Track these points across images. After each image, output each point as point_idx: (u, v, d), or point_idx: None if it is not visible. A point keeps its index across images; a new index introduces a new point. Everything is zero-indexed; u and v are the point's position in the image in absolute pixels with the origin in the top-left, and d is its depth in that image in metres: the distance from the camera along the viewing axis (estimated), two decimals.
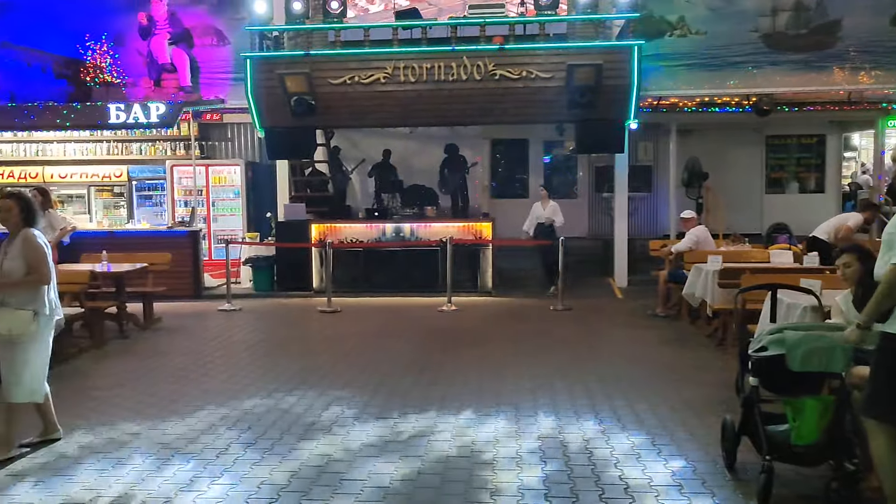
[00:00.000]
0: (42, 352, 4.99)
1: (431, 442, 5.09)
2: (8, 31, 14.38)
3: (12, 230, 5.00)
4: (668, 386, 6.40)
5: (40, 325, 4.92)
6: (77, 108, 12.60)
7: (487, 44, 11.11)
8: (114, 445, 5.09)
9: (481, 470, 4.58)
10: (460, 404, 5.93)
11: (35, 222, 5.04)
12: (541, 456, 4.79)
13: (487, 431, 5.29)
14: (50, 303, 4.99)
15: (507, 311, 10.64)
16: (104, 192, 14.00)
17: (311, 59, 11.26)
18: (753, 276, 7.12)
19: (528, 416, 5.63)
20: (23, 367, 4.89)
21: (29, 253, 4.88)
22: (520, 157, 15.60)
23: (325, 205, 13.49)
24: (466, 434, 5.24)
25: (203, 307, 11.05)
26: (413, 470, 4.59)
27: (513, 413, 5.70)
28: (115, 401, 6.12)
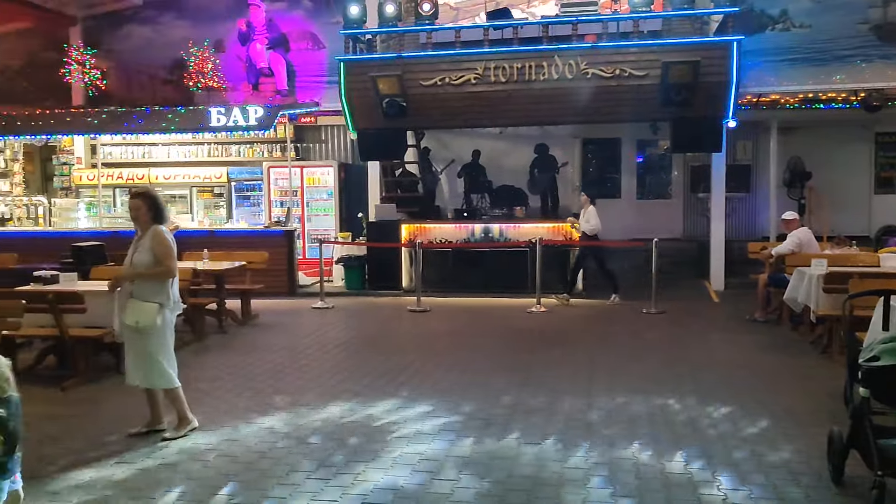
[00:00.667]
0: (166, 342, 5.25)
1: (523, 444, 5.05)
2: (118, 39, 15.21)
3: (142, 227, 5.28)
4: (768, 394, 6.14)
5: (165, 317, 5.18)
6: (181, 112, 13.18)
7: (580, 42, 10.96)
8: (218, 437, 5.28)
9: (573, 475, 4.51)
10: (552, 406, 5.87)
11: (163, 219, 5.31)
12: (634, 462, 4.68)
13: (580, 434, 5.21)
14: (173, 296, 5.24)
15: (597, 313, 10.47)
16: (205, 193, 14.59)
17: (402, 61, 11.40)
18: (862, 281, 6.75)
19: (621, 421, 5.51)
20: (149, 357, 5.19)
21: (157, 247, 5.15)
22: (612, 157, 15.31)
23: (414, 205, 13.64)
24: (558, 437, 5.17)
25: (297, 304, 11.36)
26: (504, 472, 4.56)
27: (605, 418, 5.59)
28: (216, 393, 6.36)
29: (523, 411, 5.77)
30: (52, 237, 12.54)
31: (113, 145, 14.73)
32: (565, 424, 5.45)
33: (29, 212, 14.14)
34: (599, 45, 10.89)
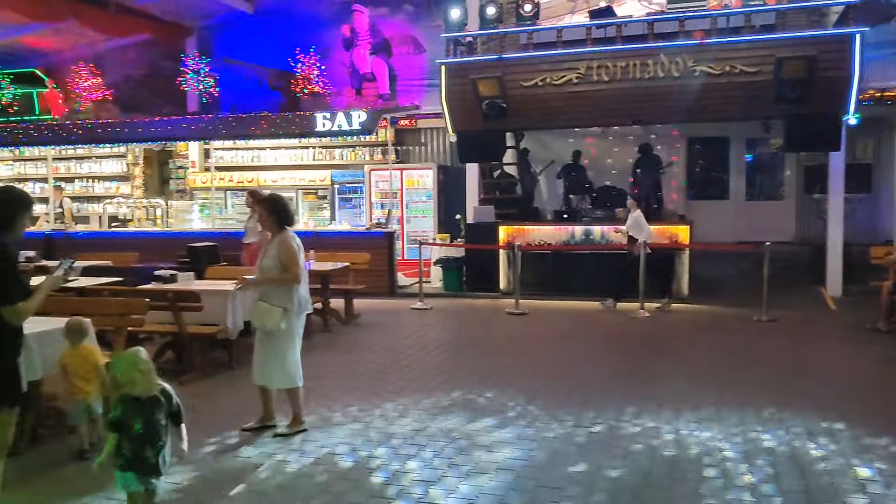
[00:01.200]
0: (292, 345, 5.42)
1: (629, 453, 4.93)
2: (228, 47, 15.88)
3: (271, 231, 5.49)
4: (890, 409, 5.75)
5: (290, 321, 5.35)
6: (288, 118, 13.61)
7: (687, 39, 10.62)
8: (322, 433, 5.41)
9: (680, 485, 4.36)
10: (656, 415, 5.70)
11: (289, 222, 5.48)
12: (751, 479, 4.48)
13: (686, 447, 5.04)
14: (299, 299, 5.41)
15: (704, 319, 10.11)
16: (310, 196, 15.02)
17: (503, 63, 11.37)
18: None
19: (733, 434, 5.28)
20: (276, 358, 5.39)
21: (283, 255, 5.34)
22: (719, 156, 14.76)
23: (513, 207, 13.58)
24: (664, 447, 5.02)
25: (397, 305, 11.52)
26: (609, 479, 4.46)
27: (716, 429, 5.38)
28: (322, 391, 6.52)
29: (627, 417, 5.63)
30: (169, 237, 13.22)
31: (224, 150, 15.39)
32: (675, 437, 5.27)
33: (148, 213, 14.95)
34: (708, 41, 10.51)
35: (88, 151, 15.86)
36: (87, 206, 15.92)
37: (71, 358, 5.01)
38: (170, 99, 15.64)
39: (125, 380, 3.66)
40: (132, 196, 15.49)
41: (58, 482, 4.64)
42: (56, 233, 13.71)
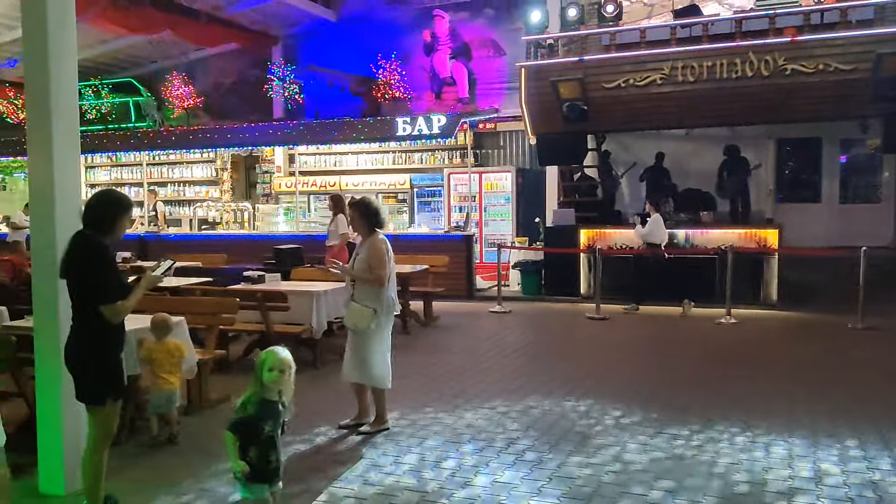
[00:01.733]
0: (381, 344, 5.54)
1: (713, 465, 4.79)
2: (312, 55, 16.29)
3: (362, 234, 5.63)
4: None
5: (379, 321, 5.46)
6: (369, 122, 13.86)
7: (777, 37, 10.28)
8: (404, 434, 5.49)
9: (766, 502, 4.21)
10: (743, 425, 5.52)
11: (379, 224, 5.58)
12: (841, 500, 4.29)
13: (774, 459, 4.86)
14: (387, 301, 5.53)
15: (794, 326, 9.74)
16: (389, 199, 15.22)
17: (584, 65, 11.27)
18: None
19: (826, 447, 5.07)
20: (367, 356, 5.52)
21: (370, 258, 5.46)
22: (811, 158, 14.17)
23: (594, 210, 13.40)
24: (752, 460, 4.86)
25: (475, 308, 11.54)
26: (692, 491, 4.35)
27: (808, 442, 5.17)
28: (404, 391, 6.59)
29: (712, 428, 5.47)
30: (256, 240, 13.65)
31: (308, 155, 15.77)
32: (765, 449, 5.09)
33: (235, 216, 15.47)
34: (801, 38, 10.14)
35: (180, 157, 16.55)
36: (179, 209, 16.59)
37: (156, 352, 5.27)
38: (257, 105, 16.18)
39: (271, 379, 3.59)
40: (221, 200, 16.05)
41: (153, 470, 4.85)
42: (149, 235, 14.34)
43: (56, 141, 4.29)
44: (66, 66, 4.38)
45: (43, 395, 4.33)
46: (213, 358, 6.30)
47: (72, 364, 3.88)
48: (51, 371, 4.24)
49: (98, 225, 3.84)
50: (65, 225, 4.06)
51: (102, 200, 3.94)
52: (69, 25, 4.42)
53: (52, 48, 4.28)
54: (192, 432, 5.54)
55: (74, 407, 4.03)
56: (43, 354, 4.31)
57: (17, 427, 5.42)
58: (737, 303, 10.28)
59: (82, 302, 3.80)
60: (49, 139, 4.27)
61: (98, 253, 3.79)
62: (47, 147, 4.28)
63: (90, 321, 3.78)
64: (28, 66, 4.37)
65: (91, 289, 3.78)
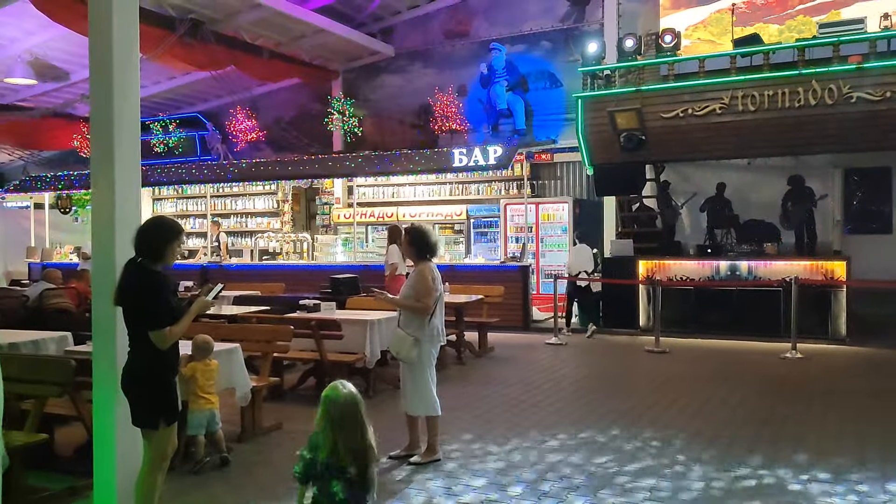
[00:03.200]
0: (425, 374, 5.52)
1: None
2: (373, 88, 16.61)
3: (414, 262, 5.67)
4: None
5: (422, 349, 5.46)
6: (426, 154, 14.00)
7: (842, 64, 10.01)
8: (455, 466, 5.42)
9: None
10: (811, 464, 5.27)
11: (430, 254, 5.59)
12: None
13: (849, 500, 4.62)
14: (433, 330, 5.52)
15: (864, 362, 9.33)
16: (446, 230, 15.29)
17: (641, 95, 11.18)
18: None
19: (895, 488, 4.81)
20: (412, 385, 5.54)
21: (417, 285, 5.49)
22: (880, 188, 13.65)
23: (653, 240, 13.17)
24: (822, 500, 4.63)
25: (531, 339, 11.42)
26: None
27: (878, 484, 4.90)
28: (456, 423, 6.54)
29: (774, 469, 5.24)
30: (314, 270, 13.84)
31: (367, 186, 16.01)
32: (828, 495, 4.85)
33: (295, 247, 15.76)
34: (867, 65, 9.85)
35: (243, 189, 17.00)
36: (241, 240, 17.01)
37: (198, 371, 5.36)
38: (317, 138, 16.54)
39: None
40: (281, 230, 16.40)
41: (206, 497, 4.90)
42: (211, 265, 14.72)
43: (118, 174, 4.44)
44: (129, 103, 4.55)
45: (99, 419, 4.43)
46: (267, 385, 6.37)
47: (126, 388, 3.97)
48: (107, 395, 4.34)
49: (148, 252, 3.94)
50: (124, 254, 4.19)
51: (151, 227, 4.03)
52: (133, 63, 4.60)
53: (117, 85, 4.46)
54: (244, 460, 5.59)
55: (129, 431, 4.11)
56: (100, 378, 4.42)
57: (75, 450, 5.58)
58: (803, 337, 9.92)
59: (135, 328, 3.91)
60: (111, 172, 4.43)
61: (146, 279, 3.89)
62: (109, 180, 4.44)
63: (144, 346, 3.88)
64: (93, 103, 4.57)
65: (141, 315, 3.88)
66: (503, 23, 15.24)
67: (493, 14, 15.36)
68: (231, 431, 5.91)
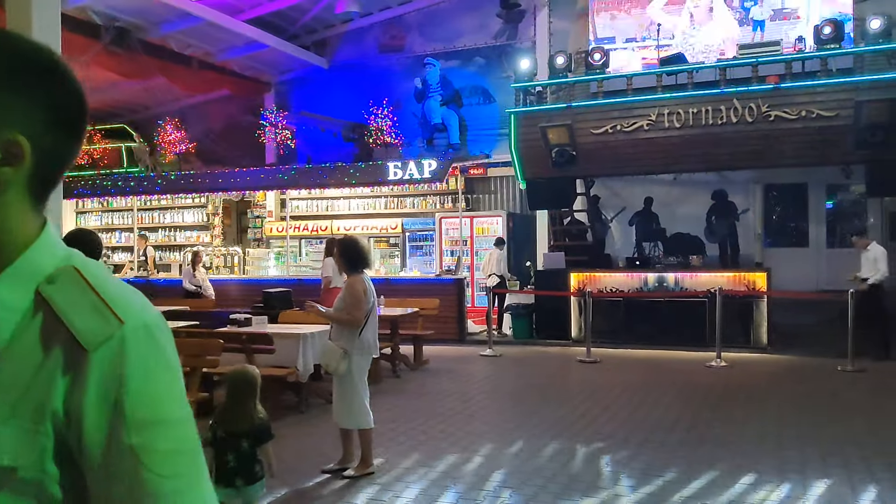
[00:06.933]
0: (356, 387, 5.46)
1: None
2: (304, 101, 16.51)
3: (345, 273, 5.63)
4: None
5: (351, 362, 5.41)
6: (361, 167, 13.97)
7: (761, 84, 10.47)
8: (391, 478, 5.40)
9: None
10: (733, 468, 5.46)
11: (360, 266, 5.55)
12: None
13: (771, 500, 4.80)
14: (363, 343, 5.47)
15: (785, 369, 9.71)
16: (381, 243, 15.27)
17: (572, 111, 11.44)
18: None
19: (814, 488, 5.01)
20: (340, 397, 5.49)
21: (347, 297, 5.45)
22: (798, 203, 14.31)
23: (583, 253, 13.45)
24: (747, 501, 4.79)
25: (466, 351, 11.48)
26: None
27: (798, 484, 5.11)
28: (390, 435, 6.51)
29: (700, 472, 5.41)
30: (245, 284, 13.62)
31: (300, 199, 15.85)
32: (750, 491, 5.03)
33: (226, 261, 15.45)
34: (783, 85, 10.34)
35: (171, 202, 16.61)
36: (169, 254, 16.58)
37: None
38: (249, 151, 16.30)
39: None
40: (211, 244, 16.06)
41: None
42: (139, 279, 14.28)
43: None
44: None
45: None
46: (196, 401, 6.21)
47: None
48: None
49: None
50: None
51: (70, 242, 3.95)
52: None
53: None
54: None
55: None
56: None
57: None
58: (727, 346, 10.27)
59: None
60: None
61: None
62: None
63: None
64: None
65: None
66: (438, 38, 15.39)
67: (427, 30, 15.51)
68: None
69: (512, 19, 14.73)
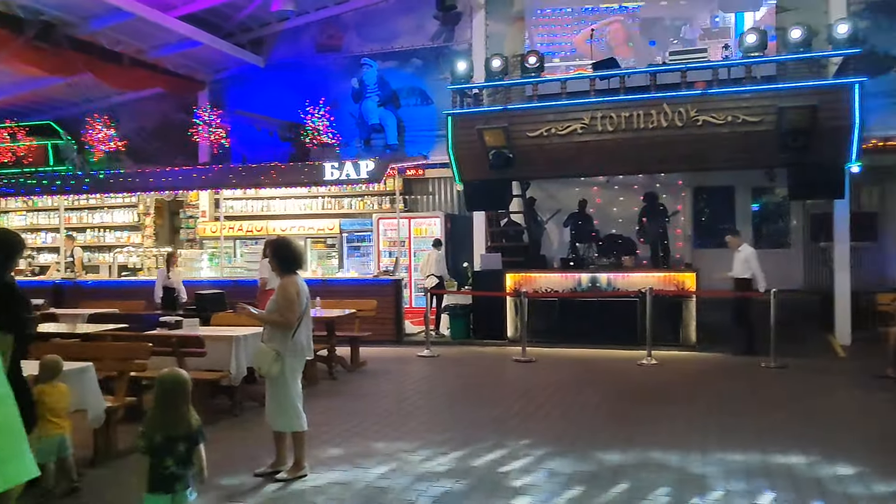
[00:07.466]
0: (288, 388, 5.40)
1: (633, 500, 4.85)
2: (240, 100, 16.24)
3: (278, 275, 5.54)
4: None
5: (284, 364, 5.34)
6: (297, 167, 13.83)
7: (689, 89, 10.79)
8: (326, 481, 5.37)
9: None
10: (661, 462, 5.63)
11: (292, 268, 5.49)
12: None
13: (692, 492, 4.96)
14: (296, 344, 5.41)
15: (712, 367, 10.03)
16: (318, 244, 15.13)
17: (508, 114, 11.56)
18: None
19: (737, 479, 5.21)
20: (273, 400, 5.42)
21: (279, 299, 5.39)
22: (725, 205, 14.80)
23: (520, 254, 13.62)
24: (669, 494, 4.94)
25: (404, 353, 11.48)
26: None
27: (721, 476, 5.30)
28: (325, 437, 6.48)
29: (631, 465, 5.56)
30: None
31: (235, 199, 15.58)
32: (678, 482, 5.20)
33: (158, 262, 15.05)
34: (710, 91, 10.68)
35: (100, 201, 16.11)
36: (98, 255, 16.08)
37: (47, 394, 4.96)
38: (182, 150, 15.93)
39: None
40: (142, 245, 15.65)
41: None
42: (65, 282, 13.83)
43: None
44: None
45: None
46: (123, 406, 6.06)
47: None
48: None
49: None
50: None
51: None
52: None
53: None
54: (98, 484, 5.30)
55: None
56: None
57: None
58: (658, 344, 10.55)
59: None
60: None
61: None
62: None
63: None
64: None
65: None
66: (375, 39, 15.34)
67: (365, 30, 15.44)
68: (84, 456, 5.58)
69: (449, 21, 14.79)
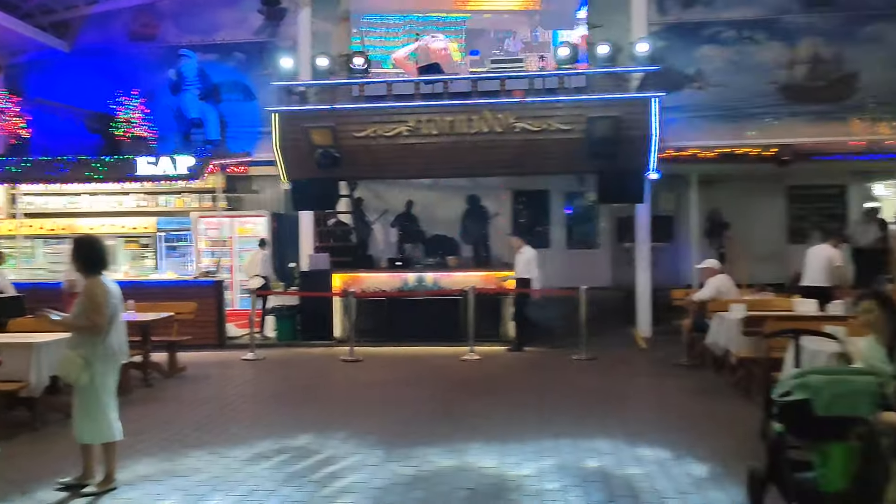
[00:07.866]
0: (99, 397, 5.05)
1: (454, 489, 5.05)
2: (41, 87, 14.94)
3: (82, 276, 5.14)
4: (694, 436, 6.32)
5: (94, 371, 4.99)
6: (107, 161, 12.94)
7: (508, 97, 11.33)
8: (138, 493, 5.11)
9: None
10: (482, 451, 5.89)
11: (97, 268, 5.11)
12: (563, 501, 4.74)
13: (510, 478, 5.25)
14: (106, 350, 5.06)
15: (529, 360, 10.59)
16: (132, 244, 14.25)
17: (335, 114, 11.52)
18: (778, 323, 7.06)
19: (549, 461, 5.58)
20: (81, 409, 5.06)
21: (84, 302, 5.02)
22: (541, 208, 15.69)
23: (348, 255, 13.61)
24: (489, 482, 5.20)
25: (227, 357, 11.11)
26: None
27: (534, 459, 5.65)
28: (139, 447, 6.14)
29: (454, 454, 5.77)
30: None
31: (35, 195, 14.29)
32: (499, 470, 5.47)
33: None
34: (527, 100, 11.27)
35: None
36: None
37: None
38: None
39: None
40: None
41: None
42: None
43: None
44: None
45: None
46: None
47: None
48: None
49: None
50: None
51: None
52: None
53: None
54: None
55: None
56: None
57: None
58: (480, 340, 10.96)
59: None
60: None
61: None
62: None
63: None
64: None
65: None
66: (194, 30, 14.70)
67: (183, 20, 14.75)
68: None
69: (274, 16, 14.49)
